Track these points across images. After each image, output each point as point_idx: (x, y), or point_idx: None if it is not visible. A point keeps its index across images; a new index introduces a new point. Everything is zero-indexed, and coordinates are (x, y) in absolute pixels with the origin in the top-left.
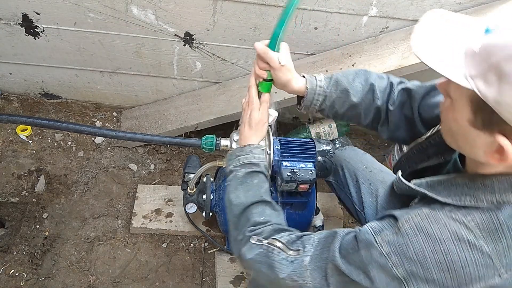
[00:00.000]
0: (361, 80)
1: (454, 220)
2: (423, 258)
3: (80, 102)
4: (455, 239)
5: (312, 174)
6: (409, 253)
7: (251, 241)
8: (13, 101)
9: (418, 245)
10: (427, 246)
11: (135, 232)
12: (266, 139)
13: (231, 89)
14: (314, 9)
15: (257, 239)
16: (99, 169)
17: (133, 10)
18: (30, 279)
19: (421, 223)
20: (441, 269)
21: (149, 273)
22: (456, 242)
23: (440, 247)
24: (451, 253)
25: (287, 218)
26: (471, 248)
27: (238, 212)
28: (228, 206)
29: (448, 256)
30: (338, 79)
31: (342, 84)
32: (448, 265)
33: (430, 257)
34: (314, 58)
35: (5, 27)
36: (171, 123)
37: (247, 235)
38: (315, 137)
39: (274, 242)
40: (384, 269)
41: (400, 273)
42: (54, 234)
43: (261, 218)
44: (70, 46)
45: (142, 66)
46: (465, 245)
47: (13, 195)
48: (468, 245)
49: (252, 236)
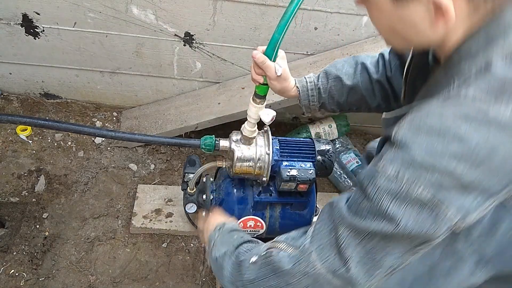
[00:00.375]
0: (350, 64)
1: (451, 104)
2: (439, 158)
3: (80, 102)
4: (463, 118)
5: (312, 174)
6: (419, 159)
7: (248, 263)
8: (13, 101)
9: (425, 145)
10: (436, 142)
11: (135, 232)
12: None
13: (231, 89)
14: (314, 9)
15: (252, 258)
16: (99, 169)
17: (133, 10)
18: (30, 279)
19: (414, 125)
20: (469, 164)
21: (149, 273)
22: (466, 120)
23: (452, 135)
24: (468, 136)
25: (287, 218)
26: (487, 123)
27: (225, 261)
28: (216, 268)
29: (468, 142)
30: (326, 70)
31: (332, 72)
32: (475, 154)
33: (446, 152)
34: (314, 58)
35: (5, 27)
36: (171, 123)
37: (240, 260)
38: (315, 137)
39: (274, 245)
40: (401, 197)
41: (424, 193)
42: (54, 234)
43: (250, 245)
44: (70, 46)
45: (142, 66)
46: (479, 120)
47: (13, 195)
48: (482, 117)
49: (246, 260)
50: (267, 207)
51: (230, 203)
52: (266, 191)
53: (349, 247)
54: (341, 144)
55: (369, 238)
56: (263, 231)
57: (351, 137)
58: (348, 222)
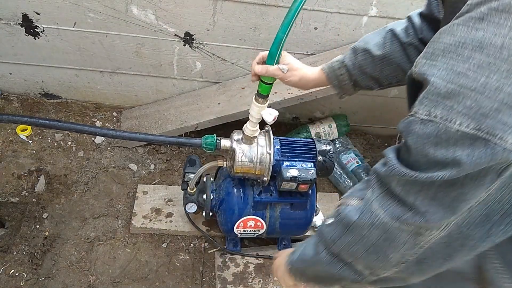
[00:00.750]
0: (378, 34)
1: (460, 19)
2: (464, 79)
3: (80, 102)
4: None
5: (313, 174)
6: (443, 88)
7: (325, 227)
8: (13, 101)
9: (444, 69)
10: (455, 60)
11: (135, 232)
12: (266, 139)
13: (231, 89)
14: (314, 9)
15: (328, 220)
16: (99, 169)
17: (133, 10)
18: (30, 279)
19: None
20: (501, 71)
21: (149, 273)
22: (480, 23)
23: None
24: (488, 39)
25: (288, 218)
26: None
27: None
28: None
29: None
30: (355, 45)
31: (359, 46)
32: (504, 56)
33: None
34: (314, 58)
35: (5, 27)
36: (171, 123)
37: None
38: (315, 137)
39: (342, 202)
40: (442, 140)
41: (463, 127)
42: (54, 234)
43: None
44: (70, 46)
45: (142, 66)
46: (494, 16)
47: (13, 195)
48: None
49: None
50: (268, 207)
51: (230, 203)
52: (267, 191)
53: (409, 194)
54: (341, 144)
55: (428, 186)
56: (263, 231)
57: (351, 137)
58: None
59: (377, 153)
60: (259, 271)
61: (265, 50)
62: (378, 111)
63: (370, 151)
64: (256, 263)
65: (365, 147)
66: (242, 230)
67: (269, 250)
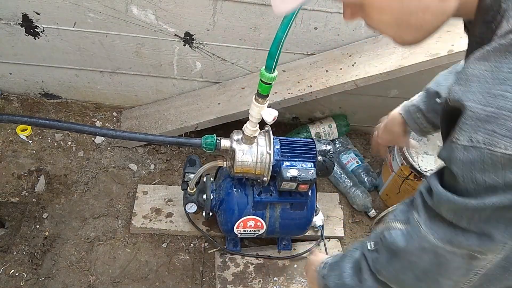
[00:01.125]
0: (450, 73)
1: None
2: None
3: (80, 102)
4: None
5: (313, 174)
6: (481, 111)
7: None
8: (13, 101)
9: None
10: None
11: (135, 232)
12: (266, 139)
13: (231, 89)
14: (314, 9)
15: (370, 244)
16: (99, 169)
17: (133, 10)
18: (30, 279)
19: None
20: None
21: (149, 273)
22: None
23: (505, 68)
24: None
25: (287, 218)
26: None
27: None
28: None
29: None
30: (427, 87)
31: (431, 89)
32: None
33: (506, 89)
34: (314, 58)
35: (5, 27)
36: (171, 123)
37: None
38: (315, 137)
39: (385, 227)
40: (488, 165)
41: (509, 149)
42: (54, 234)
43: None
44: (70, 46)
45: (142, 66)
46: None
47: (13, 195)
48: None
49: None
50: (268, 207)
51: (230, 203)
52: (267, 191)
53: (461, 220)
54: (341, 144)
55: (481, 211)
56: (263, 231)
57: (351, 137)
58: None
59: (377, 153)
60: (259, 271)
61: (265, 50)
62: (378, 111)
63: (370, 151)
64: (256, 263)
65: (365, 147)
66: (242, 230)
67: (269, 250)
